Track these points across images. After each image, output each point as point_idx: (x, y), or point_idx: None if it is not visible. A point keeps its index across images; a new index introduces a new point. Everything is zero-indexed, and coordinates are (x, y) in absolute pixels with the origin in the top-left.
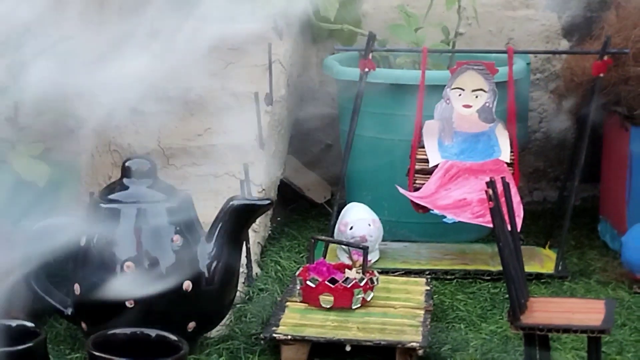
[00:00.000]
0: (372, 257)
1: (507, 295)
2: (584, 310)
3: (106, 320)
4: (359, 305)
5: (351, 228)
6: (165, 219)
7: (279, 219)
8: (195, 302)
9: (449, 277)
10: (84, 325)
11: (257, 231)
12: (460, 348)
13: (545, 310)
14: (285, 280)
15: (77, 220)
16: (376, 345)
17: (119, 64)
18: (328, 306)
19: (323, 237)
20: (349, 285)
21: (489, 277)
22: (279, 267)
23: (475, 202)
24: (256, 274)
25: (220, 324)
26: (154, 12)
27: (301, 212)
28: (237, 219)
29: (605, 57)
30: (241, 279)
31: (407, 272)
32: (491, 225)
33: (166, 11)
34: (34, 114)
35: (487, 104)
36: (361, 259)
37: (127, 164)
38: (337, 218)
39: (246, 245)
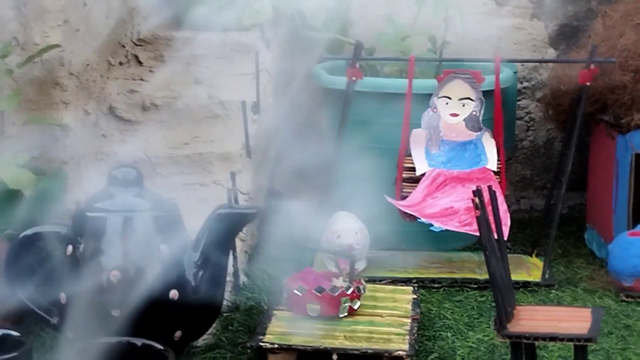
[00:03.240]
0: (359, 265)
1: (494, 304)
2: (571, 319)
3: (92, 330)
4: (346, 313)
5: (338, 236)
6: (151, 227)
7: (266, 227)
8: (182, 310)
9: (436, 285)
10: (69, 334)
11: (244, 240)
12: (447, 356)
13: (532, 318)
14: (272, 289)
15: (63, 229)
16: (363, 353)
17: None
18: (315, 315)
19: (310, 246)
20: (336, 294)
21: (476, 286)
22: (265, 276)
23: (462, 210)
24: (243, 282)
25: (207, 332)
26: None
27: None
28: (224, 228)
29: (592, 66)
30: (228, 288)
31: (394, 281)
32: (478, 234)
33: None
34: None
35: (474, 113)
36: (348, 267)
37: (113, 172)
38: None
39: (233, 253)
